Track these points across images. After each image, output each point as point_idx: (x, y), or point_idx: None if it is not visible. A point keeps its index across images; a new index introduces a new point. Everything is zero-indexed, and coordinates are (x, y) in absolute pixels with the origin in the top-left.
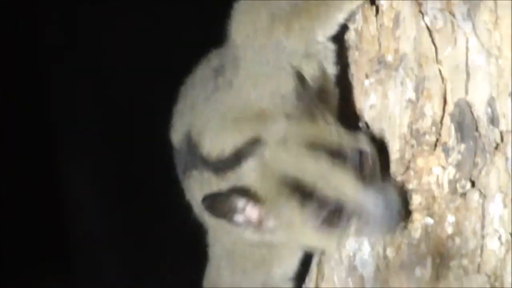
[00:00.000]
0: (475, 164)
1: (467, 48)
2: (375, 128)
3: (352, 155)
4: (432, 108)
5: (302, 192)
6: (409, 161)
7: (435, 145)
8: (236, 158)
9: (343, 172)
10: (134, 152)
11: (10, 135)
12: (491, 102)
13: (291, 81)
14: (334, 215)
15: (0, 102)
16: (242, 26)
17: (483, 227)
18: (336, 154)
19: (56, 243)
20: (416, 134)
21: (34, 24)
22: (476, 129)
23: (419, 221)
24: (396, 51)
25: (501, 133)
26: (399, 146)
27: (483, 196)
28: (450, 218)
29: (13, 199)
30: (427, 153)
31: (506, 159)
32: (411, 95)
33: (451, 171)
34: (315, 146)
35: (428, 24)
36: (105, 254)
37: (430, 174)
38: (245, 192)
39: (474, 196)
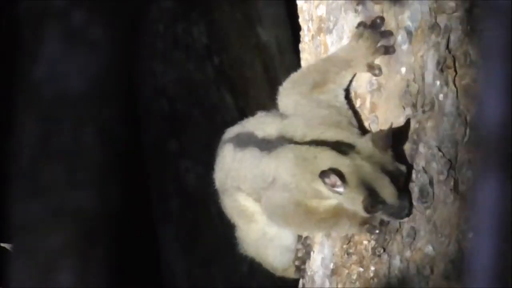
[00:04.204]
0: None
1: None
2: None
3: (397, 174)
4: None
5: (369, 190)
6: None
7: None
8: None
9: (390, 185)
10: None
11: None
12: None
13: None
14: (378, 206)
15: None
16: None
17: None
18: (391, 174)
19: None
20: None
21: None
22: None
23: None
24: None
25: None
26: None
27: None
28: None
29: None
30: None
31: None
32: None
33: None
34: (382, 168)
35: None
36: None
37: None
38: (339, 174)
39: None
